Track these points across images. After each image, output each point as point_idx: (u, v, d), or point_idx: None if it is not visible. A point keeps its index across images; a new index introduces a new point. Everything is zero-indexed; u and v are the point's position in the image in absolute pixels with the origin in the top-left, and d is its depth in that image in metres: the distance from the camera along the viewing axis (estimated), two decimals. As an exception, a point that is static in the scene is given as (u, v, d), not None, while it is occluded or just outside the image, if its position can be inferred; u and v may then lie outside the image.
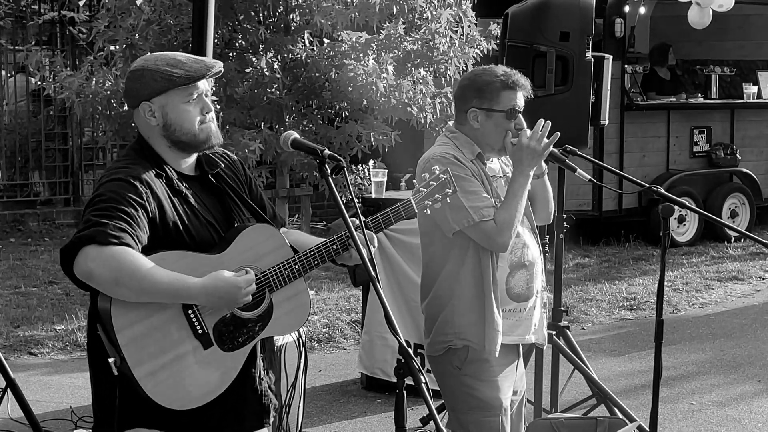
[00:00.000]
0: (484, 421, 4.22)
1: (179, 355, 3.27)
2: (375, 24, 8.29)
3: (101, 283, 3.17)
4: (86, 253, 3.15)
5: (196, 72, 3.40)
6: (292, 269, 3.42)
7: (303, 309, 3.51)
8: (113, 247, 3.15)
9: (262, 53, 8.28)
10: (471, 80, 4.31)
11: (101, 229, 3.16)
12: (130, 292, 3.17)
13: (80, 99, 8.37)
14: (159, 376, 3.24)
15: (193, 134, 3.42)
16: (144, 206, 3.27)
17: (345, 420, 6.75)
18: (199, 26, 6.19)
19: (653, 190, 4.48)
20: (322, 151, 3.43)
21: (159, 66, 3.39)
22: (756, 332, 8.82)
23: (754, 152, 13.31)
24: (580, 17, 5.96)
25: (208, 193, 3.51)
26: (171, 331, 3.27)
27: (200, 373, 3.30)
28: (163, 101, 3.40)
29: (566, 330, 6.16)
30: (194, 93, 3.42)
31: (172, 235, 3.33)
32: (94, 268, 3.14)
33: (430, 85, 8.42)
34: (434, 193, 3.67)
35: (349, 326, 8.67)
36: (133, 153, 3.46)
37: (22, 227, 13.41)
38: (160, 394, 3.24)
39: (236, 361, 3.37)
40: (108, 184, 3.30)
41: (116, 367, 3.23)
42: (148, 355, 3.23)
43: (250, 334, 3.40)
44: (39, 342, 8.35)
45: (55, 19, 14.05)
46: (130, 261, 3.16)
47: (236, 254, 3.38)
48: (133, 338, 3.21)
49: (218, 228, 3.45)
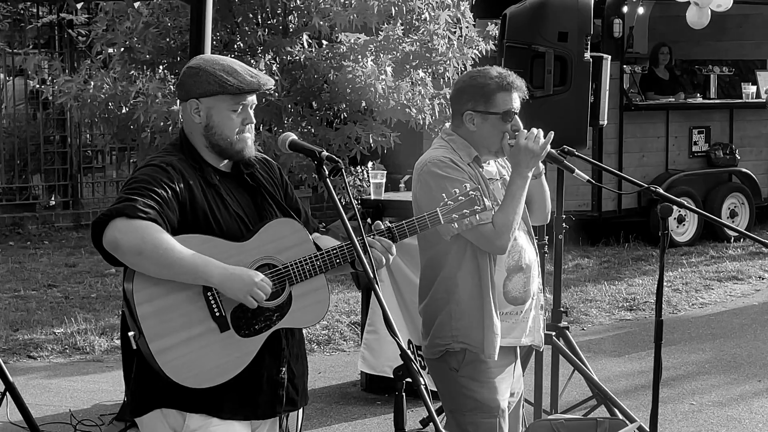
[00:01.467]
0: (482, 423, 4.22)
1: (195, 334, 3.37)
2: (373, 25, 8.29)
3: (125, 252, 3.30)
4: (115, 225, 3.30)
5: (247, 85, 3.53)
6: (314, 264, 3.49)
7: (321, 305, 3.57)
8: (140, 221, 3.29)
9: (260, 55, 8.28)
10: (466, 83, 4.30)
11: (131, 203, 3.31)
12: (152, 264, 3.30)
13: (78, 103, 8.36)
14: (174, 352, 3.34)
15: (230, 141, 3.55)
16: (174, 189, 3.42)
17: (345, 422, 6.75)
18: (197, 28, 6.19)
19: (652, 191, 4.47)
20: (320, 153, 3.48)
21: (215, 70, 3.53)
22: (756, 332, 8.81)
23: (753, 152, 13.31)
24: (578, 17, 5.95)
25: (241, 190, 3.62)
26: (189, 310, 3.38)
27: (214, 354, 3.38)
28: (211, 103, 3.54)
29: (566, 331, 6.15)
30: (241, 103, 3.54)
31: (201, 222, 3.45)
32: (120, 238, 3.28)
33: (428, 86, 8.42)
34: (462, 208, 3.68)
35: (349, 328, 8.67)
36: (171, 147, 3.64)
37: (21, 230, 13.41)
38: (172, 369, 3.34)
39: (252, 347, 3.44)
40: (143, 169, 3.48)
41: (135, 340, 3.36)
42: (165, 330, 3.34)
43: (267, 323, 3.46)
44: (38, 345, 8.34)
45: (54, 22, 14.05)
46: (155, 235, 3.29)
47: (259, 244, 3.47)
48: (151, 313, 3.34)
49: (247, 222, 3.54)
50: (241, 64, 3.61)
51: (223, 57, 3.68)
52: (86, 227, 13.78)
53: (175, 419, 3.47)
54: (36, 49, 14.77)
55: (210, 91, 3.51)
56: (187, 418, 3.46)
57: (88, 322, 8.88)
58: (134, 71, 8.63)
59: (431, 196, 4.14)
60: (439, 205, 3.69)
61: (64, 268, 11.32)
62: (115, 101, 8.39)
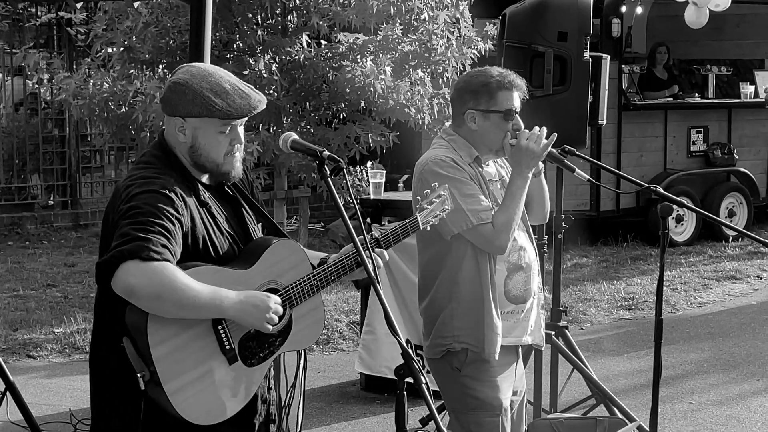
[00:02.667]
0: (485, 422, 4.23)
1: (207, 371, 3.28)
2: (372, 25, 8.29)
3: (142, 297, 3.13)
4: (128, 269, 3.12)
5: (236, 110, 3.36)
6: (311, 284, 3.44)
7: (318, 323, 3.55)
8: (155, 263, 3.13)
9: (259, 55, 8.28)
10: (467, 82, 4.31)
11: (143, 244, 3.13)
12: (172, 306, 3.15)
13: (77, 101, 8.36)
14: (187, 391, 3.24)
15: (216, 164, 3.42)
16: (180, 220, 3.27)
17: (344, 421, 6.75)
18: (196, 28, 6.18)
19: (652, 190, 4.48)
20: (321, 152, 3.43)
21: (203, 89, 3.35)
22: (754, 331, 8.82)
23: (751, 151, 13.32)
24: (577, 17, 5.96)
25: (224, 201, 3.53)
26: (200, 346, 3.27)
27: (224, 388, 3.31)
28: (197, 124, 3.38)
29: (565, 330, 6.16)
30: (229, 126, 3.40)
31: (200, 249, 3.35)
32: (135, 284, 3.11)
33: (427, 86, 8.42)
34: (436, 209, 3.75)
35: (348, 327, 8.68)
36: (157, 161, 3.42)
37: (20, 230, 13.41)
38: (187, 409, 3.24)
39: (258, 376, 3.40)
40: (143, 196, 3.26)
41: (144, 381, 3.21)
42: (178, 371, 3.22)
43: (271, 349, 3.41)
44: (37, 345, 8.35)
45: (53, 21, 14.04)
46: (172, 277, 3.14)
47: (262, 269, 3.40)
48: (167, 353, 3.21)
49: (237, 239, 3.47)
50: (232, 79, 3.42)
51: (213, 70, 3.45)
52: (85, 227, 13.80)
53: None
54: (35, 48, 14.77)
55: (195, 112, 3.35)
56: None
57: (88, 321, 8.88)
58: (133, 71, 8.63)
59: None
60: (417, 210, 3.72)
61: (63, 267, 11.33)
62: (115, 100, 8.38)
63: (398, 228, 3.68)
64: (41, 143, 13.94)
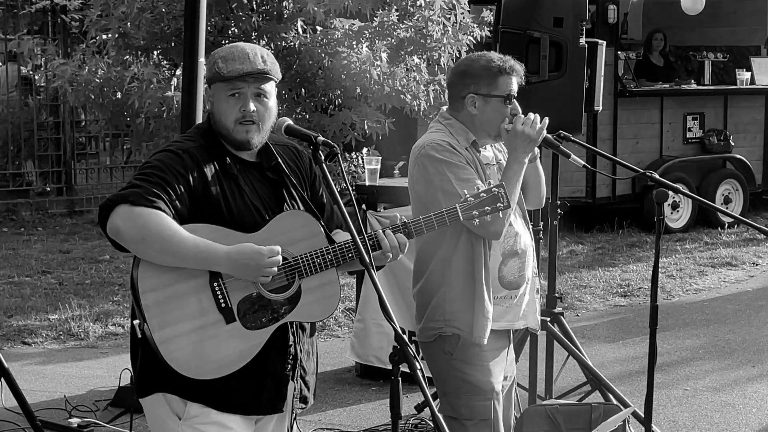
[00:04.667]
0: (476, 405, 4.22)
1: (200, 325, 3.33)
2: (368, 11, 8.28)
3: (127, 239, 3.27)
4: (118, 212, 3.28)
5: (231, 72, 3.44)
6: (325, 258, 3.44)
7: (332, 300, 3.52)
8: (143, 208, 3.26)
9: (255, 41, 8.26)
10: (468, 66, 4.30)
11: (136, 190, 3.29)
12: (155, 251, 3.26)
13: (73, 87, 8.34)
14: (177, 342, 3.30)
15: (228, 130, 3.49)
16: (187, 178, 3.37)
17: (340, 407, 6.76)
18: (191, 14, 6.16)
19: (648, 176, 4.47)
20: (316, 138, 3.44)
21: (216, 57, 3.50)
22: (749, 318, 8.83)
23: (747, 138, 13.32)
24: (573, 3, 5.95)
25: (264, 181, 3.55)
26: (194, 300, 3.33)
27: (218, 346, 3.34)
28: (213, 90, 3.53)
29: (560, 317, 6.16)
30: (235, 91, 3.46)
31: (213, 212, 3.40)
32: (121, 225, 3.26)
33: (423, 72, 8.41)
34: (484, 205, 3.64)
35: (343, 314, 8.67)
36: (196, 131, 3.60)
37: (15, 217, 13.39)
38: (176, 360, 3.30)
39: (258, 340, 3.39)
40: (158, 155, 3.45)
41: (140, 329, 3.33)
42: (169, 320, 3.30)
43: (275, 316, 3.41)
44: (32, 331, 8.34)
45: (47, 7, 14.00)
46: (157, 221, 3.26)
47: (269, 235, 3.41)
48: (156, 302, 3.30)
49: (263, 213, 3.48)
50: (247, 48, 3.49)
51: (240, 44, 3.55)
52: (80, 213, 13.78)
53: (178, 404, 3.45)
54: (30, 35, 14.72)
55: (210, 78, 3.51)
56: (188, 404, 3.44)
57: (83, 308, 8.88)
58: (128, 57, 8.61)
59: (428, 180, 4.16)
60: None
61: (58, 254, 11.31)
62: (110, 86, 8.36)
63: (433, 216, 3.60)
64: (36, 129, 13.91)
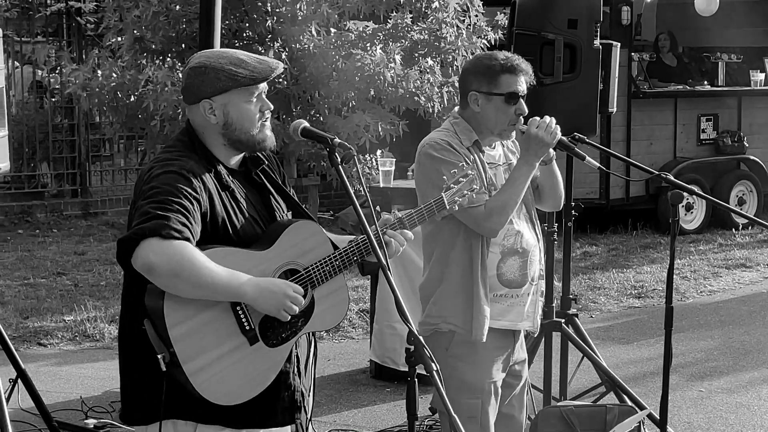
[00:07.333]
0: (464, 402, 4.17)
1: (227, 351, 3.29)
2: (382, 13, 8.30)
3: (161, 275, 3.16)
4: (149, 246, 3.15)
5: (260, 73, 3.43)
6: (333, 265, 3.45)
7: (342, 304, 3.54)
8: (175, 241, 3.16)
9: (269, 43, 8.29)
10: (472, 64, 4.36)
11: (164, 222, 3.17)
12: (189, 285, 3.18)
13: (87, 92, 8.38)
14: (207, 372, 3.25)
15: (251, 134, 3.44)
16: (198, 199, 3.29)
17: (354, 409, 6.77)
18: (206, 17, 6.19)
19: (663, 177, 4.47)
20: (332, 140, 3.45)
21: (222, 65, 3.41)
22: (764, 319, 8.82)
23: (761, 139, 13.28)
24: (587, 5, 5.95)
25: (251, 187, 3.54)
26: (220, 327, 3.28)
27: (246, 369, 3.32)
28: (226, 100, 3.42)
29: (575, 318, 6.16)
30: (255, 93, 3.45)
31: (219, 231, 3.35)
32: (155, 261, 3.14)
33: (437, 74, 8.42)
34: (463, 189, 3.72)
35: (358, 316, 8.69)
36: (182, 145, 3.47)
37: (30, 218, 13.44)
38: (207, 389, 3.26)
39: (280, 357, 3.39)
40: (162, 177, 3.30)
41: (164, 362, 3.24)
42: (197, 351, 3.24)
43: (293, 329, 3.41)
44: (48, 333, 8.38)
45: (62, 10, 14.05)
46: (190, 255, 3.17)
47: (281, 251, 3.40)
48: (184, 334, 3.23)
49: (261, 223, 3.47)
50: (244, 52, 3.51)
51: (224, 50, 3.56)
52: (94, 215, 13.83)
53: (184, 428, 3.39)
54: (44, 37, 14.78)
55: (222, 87, 3.40)
56: (198, 426, 3.39)
57: (98, 309, 8.91)
58: (143, 60, 8.64)
59: (425, 177, 4.22)
60: (443, 190, 3.71)
61: (73, 256, 11.36)
62: (124, 90, 8.40)
63: (423, 208, 3.68)
64: (51, 132, 13.96)
